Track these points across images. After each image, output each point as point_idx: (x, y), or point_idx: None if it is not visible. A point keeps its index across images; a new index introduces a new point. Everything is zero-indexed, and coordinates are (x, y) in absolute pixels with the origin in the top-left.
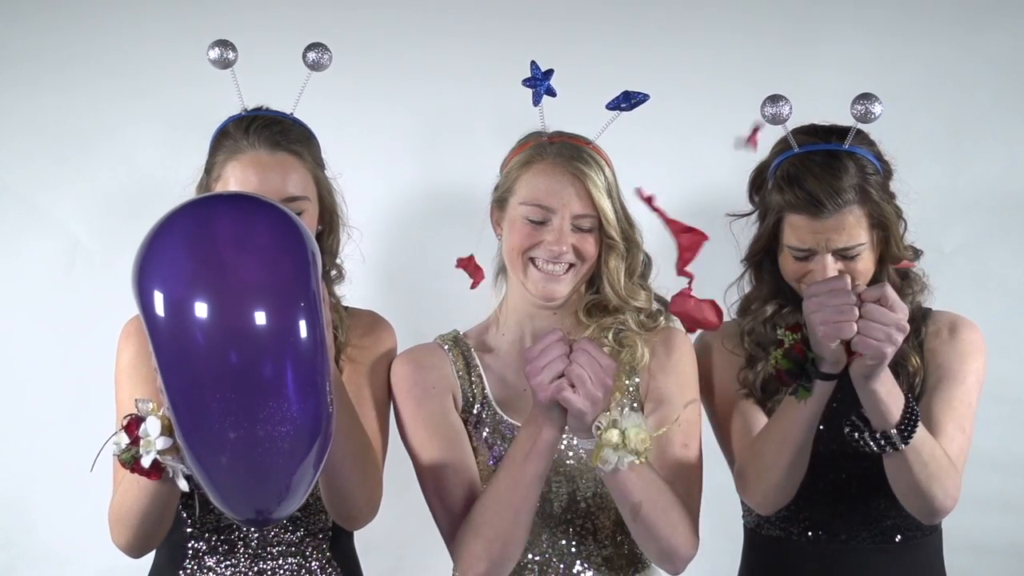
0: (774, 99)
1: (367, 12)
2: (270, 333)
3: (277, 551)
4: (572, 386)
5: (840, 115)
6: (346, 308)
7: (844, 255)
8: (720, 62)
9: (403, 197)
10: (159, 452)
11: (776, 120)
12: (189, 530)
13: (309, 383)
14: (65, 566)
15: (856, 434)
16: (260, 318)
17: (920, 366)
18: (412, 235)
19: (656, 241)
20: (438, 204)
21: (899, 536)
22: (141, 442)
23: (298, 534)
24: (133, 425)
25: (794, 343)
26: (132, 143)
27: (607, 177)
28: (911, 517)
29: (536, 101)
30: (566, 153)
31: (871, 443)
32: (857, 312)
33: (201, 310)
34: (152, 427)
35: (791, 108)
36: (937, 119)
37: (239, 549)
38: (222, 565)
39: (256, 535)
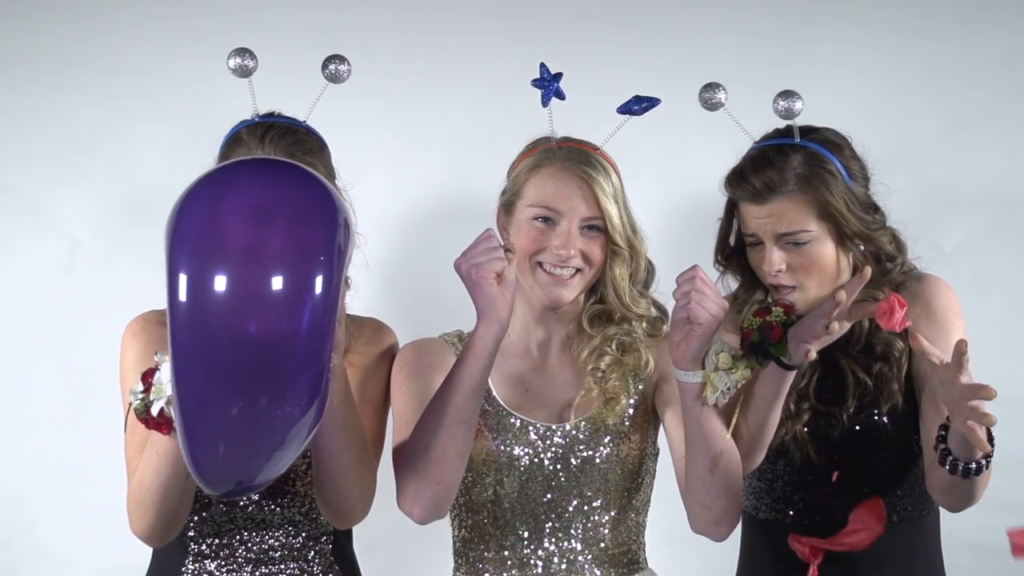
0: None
1: (372, 15)
2: (286, 290)
3: (279, 555)
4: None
5: (840, 114)
6: (349, 315)
7: (791, 243)
8: (720, 62)
9: (405, 201)
10: (169, 400)
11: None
12: (191, 533)
13: (319, 346)
14: (65, 566)
15: (948, 457)
16: (277, 282)
17: (905, 347)
18: (414, 239)
19: (659, 248)
20: (440, 208)
21: (895, 516)
22: (152, 389)
23: (300, 538)
24: (149, 374)
25: (776, 322)
26: (133, 143)
27: (614, 183)
28: (907, 497)
29: (545, 102)
30: (574, 157)
31: (960, 472)
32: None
33: (220, 282)
34: (166, 372)
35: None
36: (937, 118)
37: (240, 554)
38: (223, 569)
39: (257, 540)
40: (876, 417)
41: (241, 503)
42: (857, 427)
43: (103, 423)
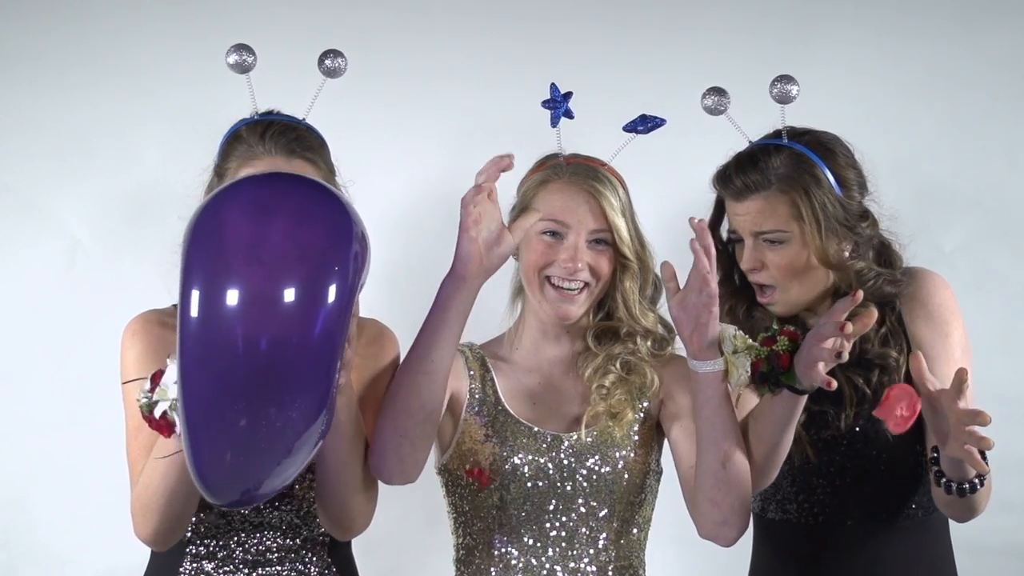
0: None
1: (372, 14)
2: (298, 299)
3: (276, 557)
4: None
5: (839, 114)
6: None
7: (767, 241)
8: (719, 62)
9: (405, 200)
10: (173, 400)
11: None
12: (188, 535)
13: (329, 356)
14: (65, 566)
15: (942, 479)
16: (290, 293)
17: (900, 357)
18: (414, 238)
19: (660, 249)
20: (441, 207)
21: (900, 515)
22: (157, 391)
23: (297, 540)
24: (158, 375)
25: (783, 351)
26: (132, 143)
27: (621, 197)
28: (911, 496)
29: (554, 123)
30: (581, 172)
31: (954, 491)
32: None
33: (232, 296)
34: (171, 375)
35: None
36: (937, 119)
37: (237, 555)
38: (220, 571)
39: (254, 542)
40: (877, 419)
41: None
42: (857, 428)
43: (103, 423)
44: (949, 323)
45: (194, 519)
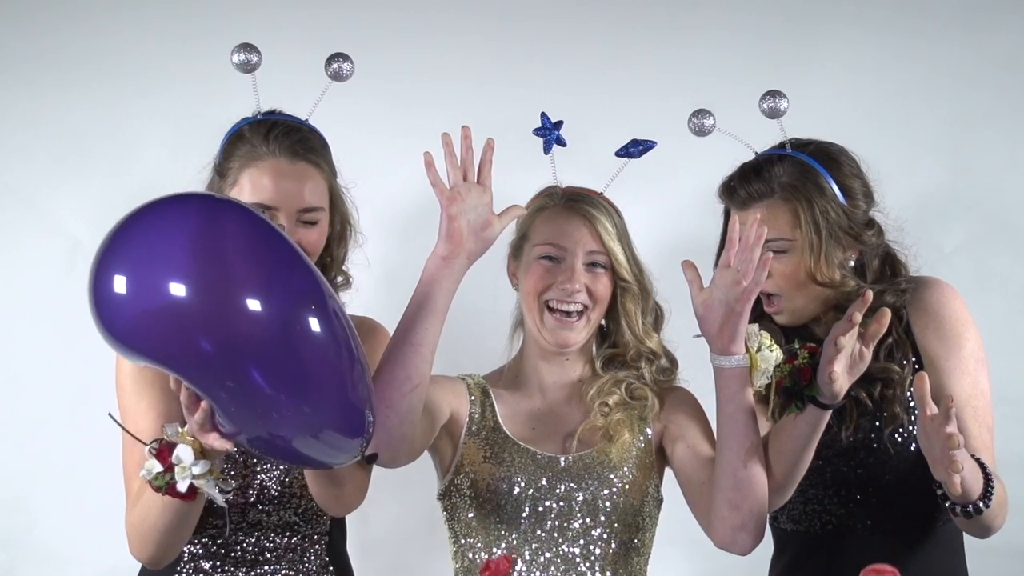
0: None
1: (373, 15)
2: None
3: (274, 556)
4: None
5: (840, 114)
6: None
7: (771, 249)
8: (720, 63)
9: (406, 200)
10: (195, 477)
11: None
12: None
13: (297, 386)
14: (65, 566)
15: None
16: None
17: (904, 370)
18: (414, 238)
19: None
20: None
21: (910, 526)
22: (176, 469)
23: (295, 539)
24: (165, 452)
25: (804, 364)
26: (132, 143)
27: (617, 223)
28: (919, 503)
29: (547, 150)
30: (576, 198)
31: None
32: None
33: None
34: (185, 454)
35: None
36: (937, 119)
37: (235, 553)
38: (217, 570)
39: (252, 541)
40: (880, 429)
41: (240, 504)
42: (859, 441)
43: (103, 423)
44: (961, 335)
45: (226, 532)
